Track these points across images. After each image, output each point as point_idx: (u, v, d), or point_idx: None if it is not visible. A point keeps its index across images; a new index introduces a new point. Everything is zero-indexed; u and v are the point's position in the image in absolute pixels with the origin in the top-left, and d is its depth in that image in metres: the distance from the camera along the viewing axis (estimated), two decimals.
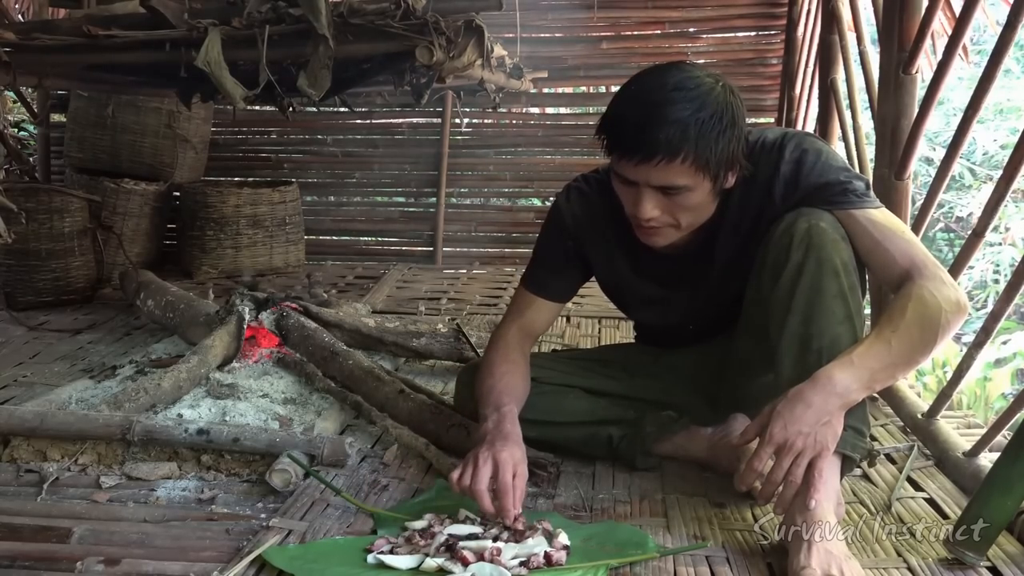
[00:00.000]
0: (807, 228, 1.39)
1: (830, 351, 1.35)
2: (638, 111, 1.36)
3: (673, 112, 1.33)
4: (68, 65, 2.69)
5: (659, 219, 1.42)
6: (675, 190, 1.38)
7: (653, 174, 1.36)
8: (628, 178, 1.40)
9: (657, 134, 1.32)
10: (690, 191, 1.38)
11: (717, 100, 1.36)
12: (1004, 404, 2.68)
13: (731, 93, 1.39)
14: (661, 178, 1.36)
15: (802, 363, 1.37)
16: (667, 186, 1.37)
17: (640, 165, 1.36)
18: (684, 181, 1.36)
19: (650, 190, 1.39)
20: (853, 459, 1.39)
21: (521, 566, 1.26)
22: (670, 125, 1.32)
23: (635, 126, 1.35)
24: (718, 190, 1.43)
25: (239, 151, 4.63)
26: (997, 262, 5.24)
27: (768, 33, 4.26)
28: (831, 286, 1.37)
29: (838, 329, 1.37)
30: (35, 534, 1.40)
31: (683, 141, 1.32)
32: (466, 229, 4.46)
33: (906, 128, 2.06)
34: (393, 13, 2.18)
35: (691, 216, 1.44)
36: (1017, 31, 1.63)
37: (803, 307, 1.39)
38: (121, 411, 1.79)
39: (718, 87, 1.38)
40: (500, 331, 1.67)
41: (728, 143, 1.36)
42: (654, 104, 1.34)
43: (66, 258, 3.11)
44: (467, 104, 4.22)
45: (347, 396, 1.96)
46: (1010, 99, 5.63)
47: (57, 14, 4.06)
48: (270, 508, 1.50)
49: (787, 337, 1.40)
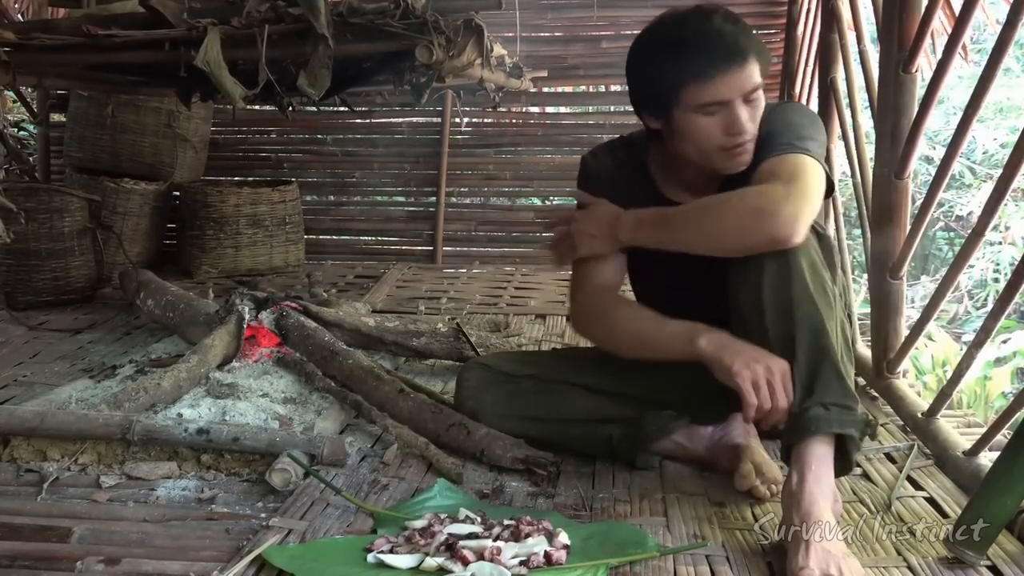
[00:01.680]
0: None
1: (800, 334, 1.38)
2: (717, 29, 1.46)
3: (728, 24, 1.47)
4: (68, 65, 2.69)
5: (750, 132, 1.50)
6: (755, 94, 1.48)
7: (743, 80, 1.46)
8: (721, 99, 1.46)
9: (741, 40, 1.46)
10: (761, 94, 1.50)
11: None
12: (1004, 403, 2.69)
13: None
14: (750, 82, 1.47)
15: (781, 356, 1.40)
16: (755, 88, 1.48)
17: (738, 72, 1.45)
18: (760, 81, 1.49)
19: (740, 103, 1.47)
20: (852, 437, 1.38)
21: (521, 565, 1.26)
22: (743, 32, 1.47)
23: (722, 39, 1.46)
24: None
25: (239, 151, 4.63)
26: (997, 261, 5.24)
27: (768, 32, 4.25)
28: (786, 274, 1.40)
29: (799, 312, 1.39)
30: (35, 534, 1.40)
31: (753, 44, 1.47)
32: (466, 228, 4.46)
33: (906, 127, 2.06)
34: (392, 12, 2.18)
35: (756, 126, 1.52)
36: (1017, 30, 1.63)
37: (771, 304, 1.41)
38: (121, 411, 1.79)
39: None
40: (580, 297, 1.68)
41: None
42: (726, 19, 1.48)
43: (66, 258, 3.11)
44: (467, 103, 4.22)
45: (347, 395, 1.96)
46: (1010, 98, 5.62)
47: (57, 14, 4.06)
48: (270, 508, 1.50)
49: (770, 337, 1.42)
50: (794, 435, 1.37)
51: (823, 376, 1.38)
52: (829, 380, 1.37)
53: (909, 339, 2.04)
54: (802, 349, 1.38)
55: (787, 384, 1.39)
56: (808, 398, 1.37)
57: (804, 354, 1.38)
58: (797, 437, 1.36)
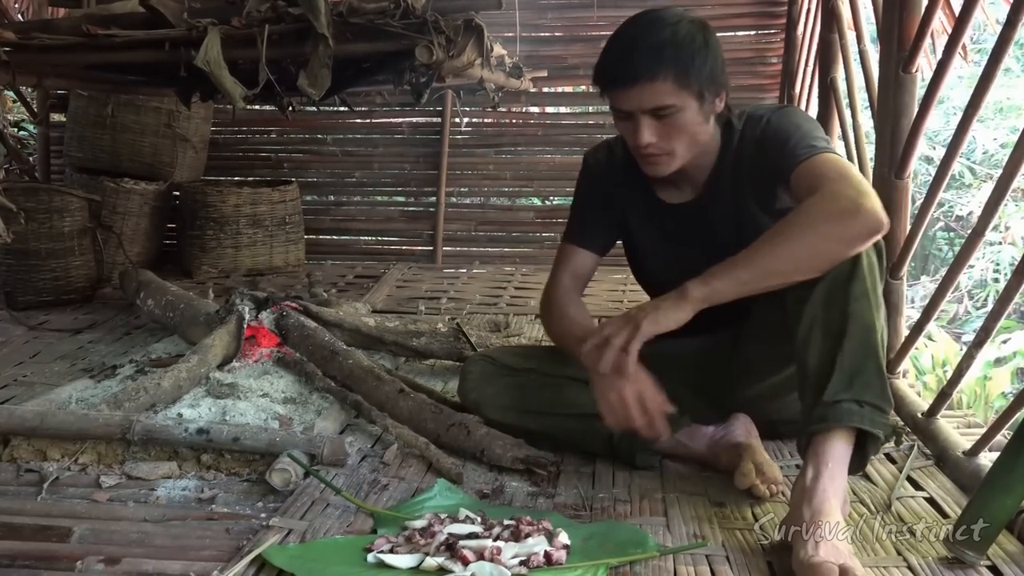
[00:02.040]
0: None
1: (853, 328, 1.37)
2: (620, 44, 1.52)
3: (648, 39, 1.48)
4: (68, 65, 2.69)
5: (657, 146, 1.52)
6: (665, 111, 1.49)
7: (642, 97, 1.48)
8: (623, 109, 1.52)
9: (637, 59, 1.47)
10: (679, 111, 1.49)
11: (689, 26, 1.50)
12: (1004, 403, 2.69)
13: (701, 23, 1.53)
14: (650, 100, 1.48)
15: (825, 346, 1.39)
16: (657, 107, 1.48)
17: (628, 91, 1.49)
18: (671, 100, 1.48)
19: (645, 117, 1.50)
20: (875, 439, 1.38)
21: (521, 565, 1.26)
22: (646, 49, 1.47)
23: (617, 56, 1.51)
24: (706, 111, 1.53)
25: (239, 151, 4.63)
26: (997, 261, 5.24)
27: (768, 32, 4.26)
28: (849, 268, 1.39)
29: (854, 306, 1.38)
30: (35, 533, 1.40)
31: (660, 60, 1.46)
32: (466, 228, 4.46)
33: (906, 127, 2.06)
34: (393, 12, 2.18)
35: (685, 140, 1.54)
36: (1017, 30, 1.63)
37: (823, 293, 1.40)
38: (121, 410, 1.79)
39: (688, 18, 1.53)
40: (552, 282, 1.77)
41: (704, 62, 1.49)
42: (632, 36, 1.51)
43: (66, 258, 3.11)
44: (467, 103, 4.22)
45: (347, 395, 1.96)
46: (1010, 98, 5.62)
47: (57, 14, 4.06)
48: (270, 507, 1.50)
49: (805, 323, 1.41)
50: (821, 423, 1.36)
51: (866, 373, 1.37)
52: (871, 379, 1.37)
53: (909, 339, 2.04)
54: (851, 343, 1.37)
55: (635, 408, 1.44)
56: (846, 391, 1.36)
57: (851, 348, 1.37)
58: (824, 426, 1.36)
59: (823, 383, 1.37)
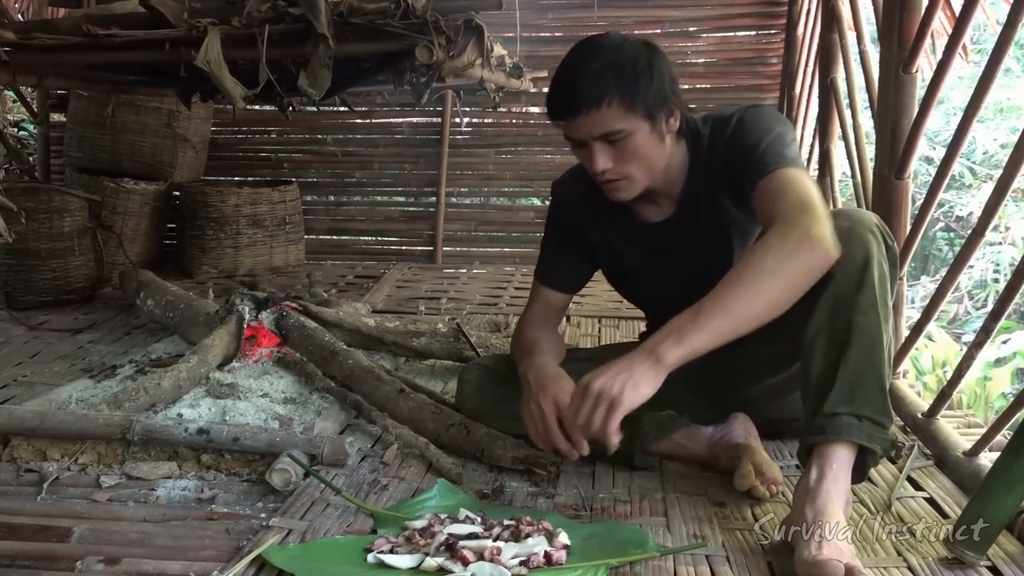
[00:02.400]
0: (833, 228, 1.41)
1: (857, 340, 1.37)
2: (563, 74, 1.52)
3: (590, 66, 1.47)
4: (68, 65, 2.69)
5: (613, 171, 1.52)
6: (616, 136, 1.48)
7: (590, 125, 1.48)
8: (574, 138, 1.52)
9: (580, 87, 1.47)
10: (631, 135, 1.49)
11: (629, 49, 1.50)
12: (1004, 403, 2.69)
13: (645, 45, 1.52)
14: (598, 127, 1.48)
15: (829, 355, 1.39)
16: (607, 134, 1.48)
17: (575, 120, 1.49)
18: (620, 125, 1.47)
19: (597, 143, 1.50)
20: (873, 452, 1.37)
21: (521, 566, 1.26)
22: (589, 77, 1.46)
23: (562, 87, 1.50)
24: (660, 132, 1.52)
25: (239, 151, 4.63)
26: (997, 261, 5.24)
27: (768, 32, 4.26)
28: (858, 280, 1.38)
29: (860, 319, 1.38)
30: (35, 534, 1.40)
31: (603, 86, 1.45)
32: (466, 229, 4.46)
33: (906, 127, 2.06)
34: (393, 12, 2.18)
35: (642, 163, 1.53)
36: (1017, 30, 1.63)
37: (831, 302, 1.39)
38: (121, 411, 1.79)
39: (631, 40, 1.53)
40: (523, 320, 1.80)
41: (649, 83, 1.48)
42: (574, 64, 1.50)
43: (66, 258, 3.11)
44: (467, 104, 4.22)
45: (347, 396, 1.96)
46: (1010, 98, 5.63)
47: (57, 14, 4.06)
48: (270, 508, 1.50)
49: (812, 330, 1.41)
50: (820, 435, 1.36)
51: (867, 387, 1.36)
52: (872, 393, 1.36)
53: (909, 339, 2.04)
54: (854, 355, 1.37)
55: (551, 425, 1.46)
56: (846, 404, 1.35)
57: (855, 360, 1.37)
58: (823, 438, 1.36)
59: (824, 393, 1.37)
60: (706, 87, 4.38)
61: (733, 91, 4.31)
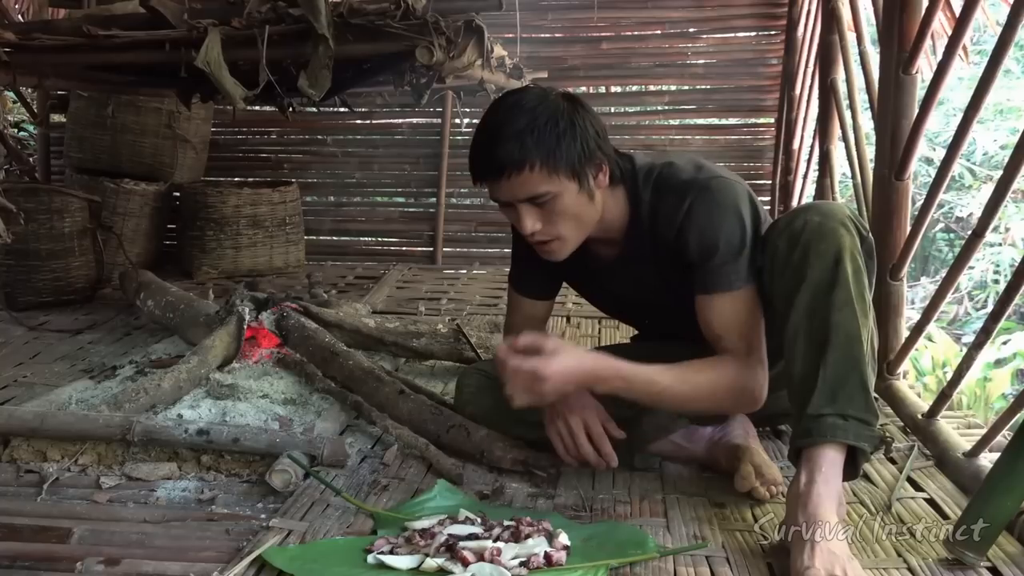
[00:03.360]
0: (803, 225, 1.42)
1: (836, 339, 1.36)
2: (481, 137, 1.48)
3: (509, 128, 1.42)
4: (68, 65, 2.69)
5: (544, 232, 1.48)
6: (541, 198, 1.44)
7: (514, 189, 1.44)
8: (500, 200, 1.49)
9: (499, 151, 1.42)
10: (557, 196, 1.44)
11: (549, 107, 1.44)
12: (1004, 404, 2.68)
13: (566, 100, 1.47)
14: (522, 190, 1.44)
15: (809, 356, 1.38)
16: (533, 196, 1.44)
17: (497, 183, 1.45)
18: (545, 188, 1.43)
19: (524, 205, 1.46)
20: (864, 451, 1.37)
21: (521, 566, 1.26)
22: (509, 139, 1.42)
23: (482, 150, 1.47)
24: (588, 190, 1.47)
25: (239, 151, 4.63)
26: (997, 262, 5.24)
27: (768, 33, 4.26)
28: (831, 277, 1.38)
29: (837, 316, 1.37)
30: (35, 534, 1.40)
31: (524, 150, 1.41)
32: (466, 229, 4.46)
33: (906, 128, 2.06)
34: (393, 13, 2.18)
35: (573, 223, 1.49)
36: (1017, 31, 1.63)
37: (807, 302, 1.39)
38: (121, 411, 1.79)
39: (551, 96, 1.47)
40: (507, 331, 1.81)
41: (572, 141, 1.43)
42: (493, 126, 1.45)
43: (66, 258, 3.11)
44: (467, 104, 4.22)
45: (347, 396, 1.96)
46: (1010, 99, 5.63)
47: (57, 14, 4.06)
48: (270, 508, 1.50)
49: (791, 331, 1.41)
50: (807, 438, 1.36)
51: (849, 386, 1.36)
52: (854, 391, 1.36)
53: (909, 340, 2.04)
54: (833, 354, 1.36)
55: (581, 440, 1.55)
56: (829, 405, 1.35)
57: (834, 360, 1.36)
58: (810, 441, 1.36)
59: (808, 395, 1.37)
60: (706, 88, 4.38)
61: (733, 92, 4.32)
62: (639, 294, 1.68)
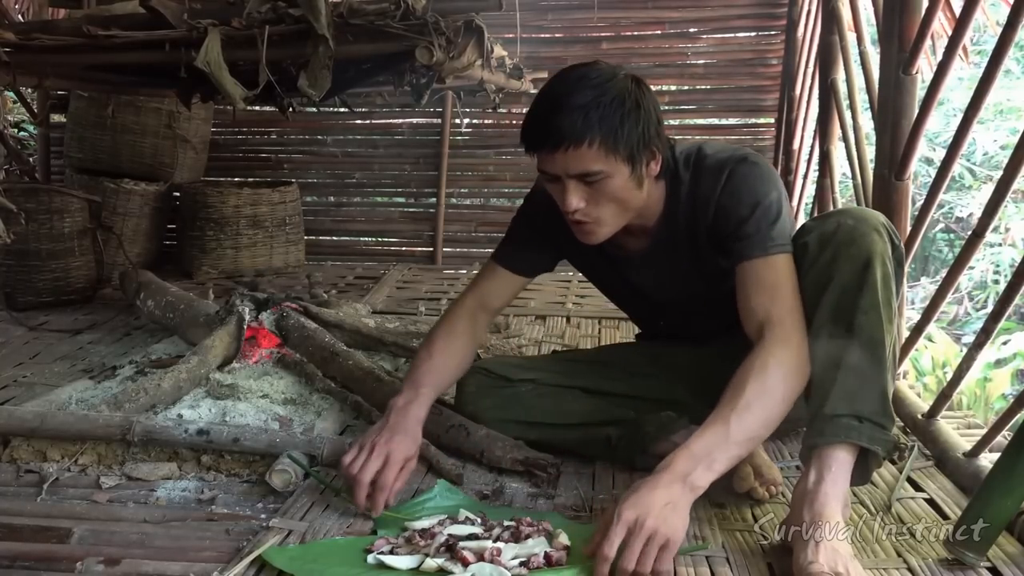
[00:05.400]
0: (836, 227, 1.42)
1: (858, 341, 1.36)
2: (544, 105, 1.43)
3: (574, 100, 1.39)
4: (68, 65, 2.69)
5: (585, 212, 1.45)
6: (593, 177, 1.41)
7: (568, 162, 1.40)
8: (549, 172, 1.44)
9: (561, 122, 1.38)
10: (608, 177, 1.41)
11: (618, 86, 1.41)
12: (1004, 404, 2.68)
13: (634, 81, 1.44)
14: (576, 165, 1.40)
15: (830, 357, 1.38)
16: (584, 173, 1.41)
17: (552, 155, 1.40)
18: (598, 166, 1.40)
19: (572, 181, 1.42)
20: (876, 454, 1.37)
21: (521, 566, 1.26)
22: (573, 111, 1.38)
23: (541, 118, 1.42)
24: (639, 176, 1.45)
25: (239, 151, 4.63)
26: (997, 262, 5.24)
27: (768, 33, 4.26)
28: (860, 280, 1.38)
29: (862, 319, 1.37)
30: (35, 534, 1.40)
31: (587, 125, 1.37)
32: (466, 229, 4.47)
33: (906, 128, 2.06)
34: (393, 13, 2.18)
35: (616, 207, 1.46)
36: (1017, 31, 1.63)
37: (832, 302, 1.39)
38: (121, 411, 1.79)
39: (619, 75, 1.43)
40: (457, 301, 1.74)
41: (635, 125, 1.40)
42: (557, 96, 1.42)
43: (66, 258, 3.11)
44: (467, 104, 4.22)
45: (347, 396, 1.96)
46: (1010, 99, 5.63)
47: (57, 14, 4.06)
48: (270, 508, 1.50)
49: (814, 331, 1.40)
50: (820, 437, 1.35)
51: (867, 389, 1.36)
52: (872, 395, 1.36)
53: (909, 340, 2.04)
54: (855, 356, 1.36)
55: (363, 478, 1.42)
56: (847, 406, 1.35)
57: (856, 362, 1.36)
58: (822, 440, 1.35)
59: (825, 395, 1.37)
60: (706, 88, 4.38)
61: (733, 92, 4.32)
62: (663, 289, 1.67)
